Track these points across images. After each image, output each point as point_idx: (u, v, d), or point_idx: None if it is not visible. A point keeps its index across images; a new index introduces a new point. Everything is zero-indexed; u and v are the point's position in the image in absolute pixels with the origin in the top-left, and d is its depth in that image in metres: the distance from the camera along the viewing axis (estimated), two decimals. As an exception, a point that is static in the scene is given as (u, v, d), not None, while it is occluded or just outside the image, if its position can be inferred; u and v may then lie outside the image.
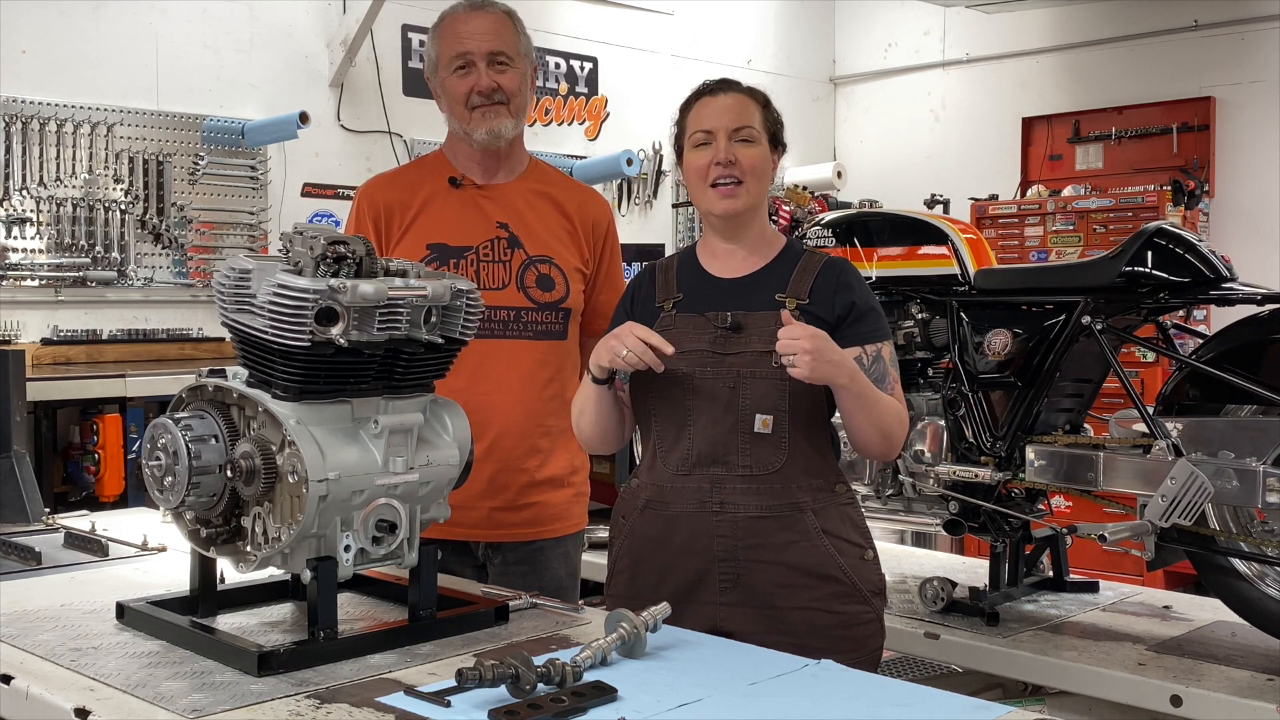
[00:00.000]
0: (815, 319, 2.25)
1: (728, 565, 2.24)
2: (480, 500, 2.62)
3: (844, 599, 2.25)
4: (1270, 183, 6.83)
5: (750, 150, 2.30)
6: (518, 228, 2.73)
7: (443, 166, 2.80)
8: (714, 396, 2.24)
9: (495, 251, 2.71)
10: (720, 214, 2.31)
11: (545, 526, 2.74)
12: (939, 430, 3.02)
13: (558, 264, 2.74)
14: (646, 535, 2.31)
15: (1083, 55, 7.51)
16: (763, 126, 2.33)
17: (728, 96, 2.33)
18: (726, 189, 2.29)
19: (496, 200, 2.76)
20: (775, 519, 2.24)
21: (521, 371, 2.68)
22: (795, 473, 2.24)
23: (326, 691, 1.74)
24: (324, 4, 6.08)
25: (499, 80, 2.70)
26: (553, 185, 2.85)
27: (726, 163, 2.28)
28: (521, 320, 2.69)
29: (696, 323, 2.30)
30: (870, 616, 2.29)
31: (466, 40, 2.70)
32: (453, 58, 2.71)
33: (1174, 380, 2.77)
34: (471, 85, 2.69)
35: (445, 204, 2.74)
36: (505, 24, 2.74)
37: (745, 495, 2.24)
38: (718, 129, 2.30)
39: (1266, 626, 2.63)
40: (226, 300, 1.93)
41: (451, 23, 2.74)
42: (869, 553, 2.32)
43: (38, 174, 5.14)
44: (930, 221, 3.14)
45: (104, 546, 2.69)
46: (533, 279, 2.71)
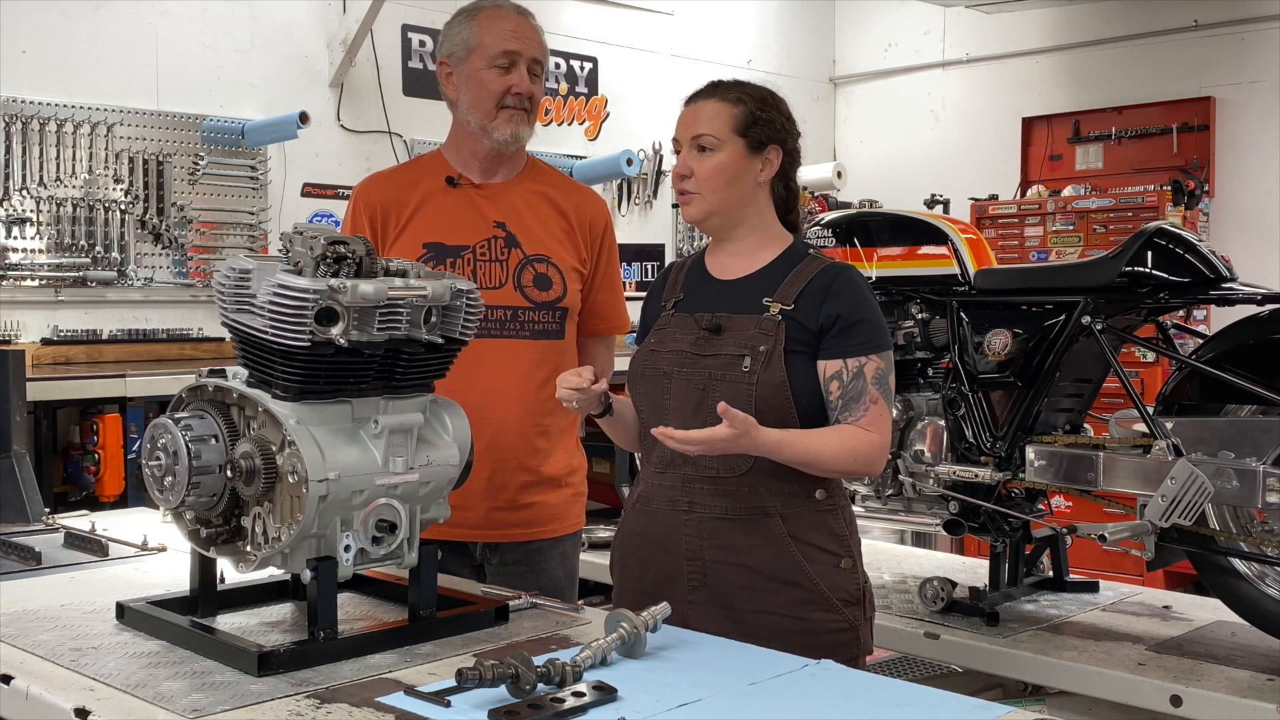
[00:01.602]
0: (797, 326, 2.23)
1: (695, 565, 2.26)
2: (478, 500, 2.62)
3: (810, 606, 2.22)
4: (1270, 183, 6.82)
5: (705, 160, 2.29)
6: (515, 227, 2.73)
7: (440, 166, 2.80)
8: (686, 397, 2.26)
9: (492, 251, 2.71)
10: (685, 220, 2.35)
11: (543, 527, 2.74)
12: (939, 430, 3.02)
13: (555, 263, 2.73)
14: (633, 530, 2.37)
15: (1083, 55, 7.50)
16: (731, 129, 2.28)
17: (697, 105, 2.34)
18: (684, 198, 2.34)
19: (494, 199, 2.76)
20: (740, 521, 2.23)
21: (519, 371, 2.68)
22: (763, 477, 2.22)
23: (326, 691, 1.74)
24: (324, 4, 6.08)
25: (533, 88, 2.71)
26: (550, 185, 2.84)
27: (679, 176, 2.32)
28: (518, 320, 2.69)
29: (684, 323, 2.32)
30: (840, 625, 2.25)
31: (517, 40, 2.69)
32: (499, 53, 2.68)
33: (1174, 380, 2.77)
34: (510, 85, 2.68)
35: (442, 203, 2.74)
36: (541, 35, 2.76)
37: (712, 497, 2.25)
38: (683, 139, 2.34)
39: (1266, 626, 2.63)
40: (226, 300, 1.94)
41: (497, 16, 2.72)
42: (845, 560, 2.27)
43: (38, 174, 5.14)
44: (930, 221, 3.15)
45: (104, 546, 2.69)
46: (529, 278, 2.71)
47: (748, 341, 2.22)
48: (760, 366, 2.20)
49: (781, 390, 2.20)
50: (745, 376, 2.20)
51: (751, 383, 2.19)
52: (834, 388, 2.22)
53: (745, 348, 2.21)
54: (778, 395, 2.20)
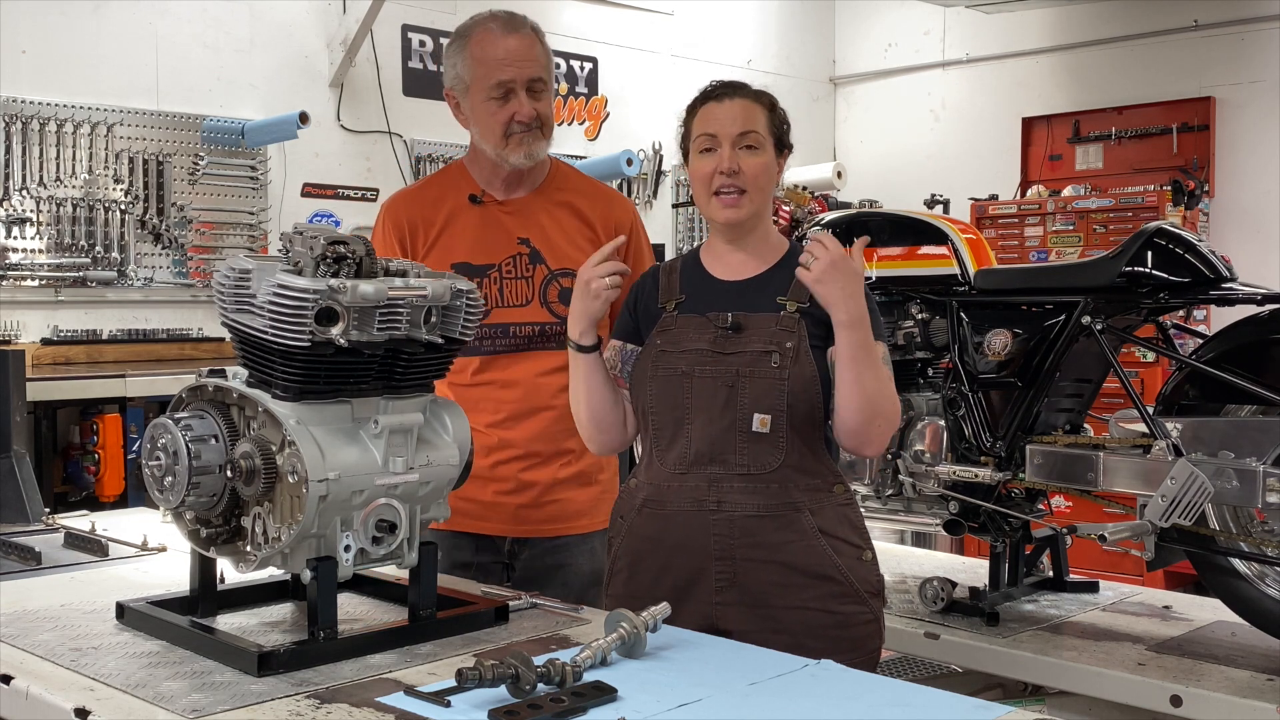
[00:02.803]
0: (815, 321, 2.26)
1: (724, 564, 2.24)
2: (507, 496, 2.65)
3: (841, 599, 2.25)
4: (1270, 183, 6.83)
5: (754, 158, 2.30)
6: (539, 242, 2.71)
7: (464, 180, 2.77)
8: (713, 395, 2.25)
9: (518, 268, 2.69)
10: (723, 222, 2.32)
11: (571, 522, 2.74)
12: (939, 430, 3.01)
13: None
14: (644, 534, 2.32)
15: (1083, 55, 7.51)
16: (768, 131, 2.32)
17: (734, 102, 2.32)
18: (730, 198, 2.29)
19: (517, 215, 2.73)
20: (772, 518, 2.24)
21: (552, 381, 2.67)
22: (792, 472, 2.25)
23: (326, 691, 1.74)
24: (324, 4, 6.08)
25: (537, 107, 2.65)
26: (574, 193, 2.81)
27: (730, 172, 2.28)
28: (545, 335, 2.69)
29: (697, 323, 2.31)
30: (868, 617, 2.29)
31: (507, 67, 2.63)
32: (494, 85, 2.63)
33: (1174, 380, 2.77)
34: (511, 114, 2.63)
35: (467, 221, 2.72)
36: (538, 45, 2.69)
37: (742, 494, 2.24)
38: (722, 135, 2.29)
39: (1266, 626, 2.63)
40: (226, 300, 1.93)
41: (486, 43, 2.65)
42: (867, 553, 2.32)
43: (38, 174, 5.14)
44: (930, 221, 3.15)
45: (104, 546, 2.69)
46: (555, 294, 2.70)
47: (772, 338, 2.23)
48: (789, 362, 2.23)
49: (813, 385, 2.23)
50: (776, 372, 2.22)
51: (783, 378, 2.22)
52: None
53: (771, 344, 2.23)
54: (809, 390, 2.23)
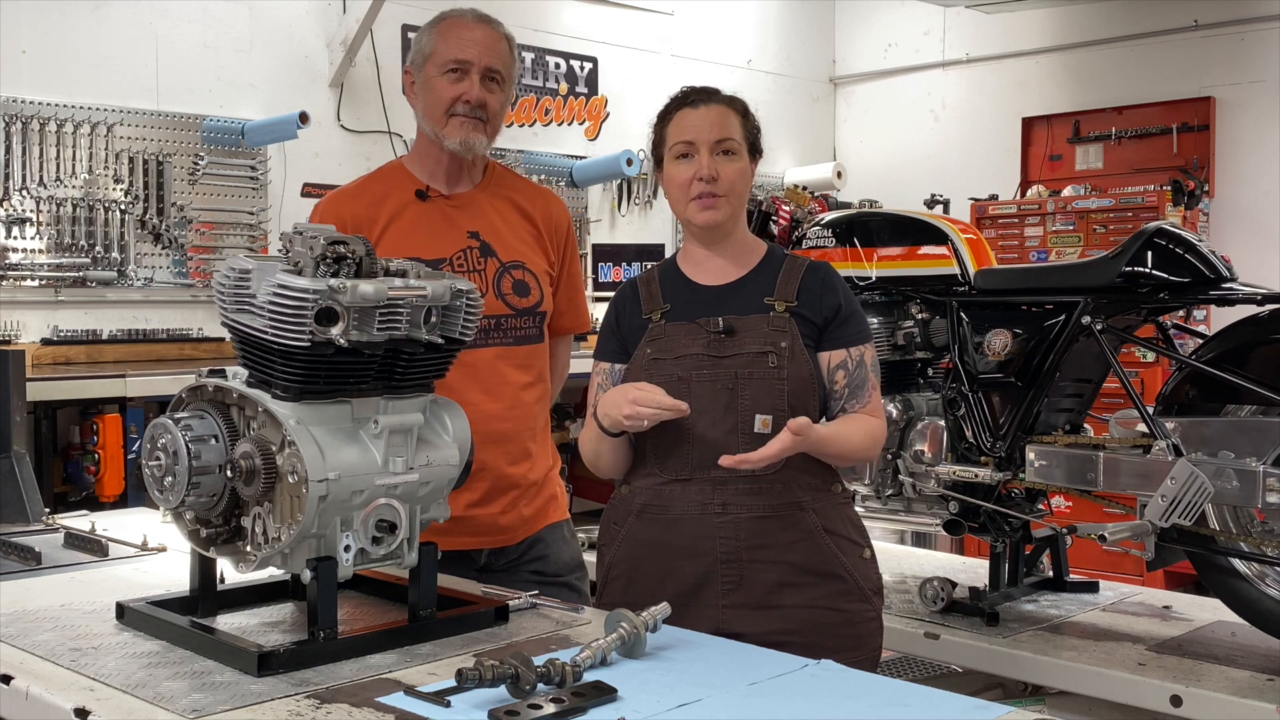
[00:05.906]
0: (804, 320, 2.28)
1: (731, 567, 2.25)
2: (478, 509, 2.63)
3: (846, 597, 2.27)
4: (1270, 183, 6.82)
5: (731, 164, 2.32)
6: (489, 235, 2.73)
7: (404, 178, 2.77)
8: (713, 399, 2.25)
9: (469, 261, 2.70)
10: (701, 225, 2.33)
11: (539, 520, 2.77)
12: (939, 430, 3.02)
13: (530, 269, 2.75)
14: (644, 540, 2.32)
15: (1083, 55, 7.50)
16: (743, 137, 2.35)
17: (710, 108, 2.33)
18: (707, 201, 2.31)
19: (464, 209, 2.75)
20: (777, 519, 2.25)
21: (511, 379, 2.69)
22: (794, 472, 2.26)
23: (326, 691, 1.74)
24: (324, 4, 6.08)
25: (486, 97, 2.69)
26: (515, 191, 2.84)
27: (709, 178, 2.30)
28: (502, 328, 2.69)
29: (688, 329, 2.32)
30: (871, 614, 2.32)
31: (469, 47, 2.68)
32: (449, 60, 2.68)
33: (1174, 380, 2.77)
34: (460, 93, 2.67)
35: (414, 216, 2.72)
36: (505, 44, 2.74)
37: (747, 496, 2.25)
38: (700, 142, 2.31)
39: (1266, 626, 2.64)
40: (226, 300, 1.93)
41: (455, 25, 2.72)
42: (866, 551, 2.35)
43: (38, 174, 5.14)
44: (930, 221, 3.15)
45: (104, 546, 2.69)
46: (509, 285, 2.72)
47: (767, 339, 2.25)
48: (786, 361, 2.25)
49: (810, 383, 2.26)
50: (774, 372, 2.24)
51: (782, 378, 2.24)
52: (839, 377, 2.30)
53: (766, 344, 2.25)
54: (806, 388, 2.26)
